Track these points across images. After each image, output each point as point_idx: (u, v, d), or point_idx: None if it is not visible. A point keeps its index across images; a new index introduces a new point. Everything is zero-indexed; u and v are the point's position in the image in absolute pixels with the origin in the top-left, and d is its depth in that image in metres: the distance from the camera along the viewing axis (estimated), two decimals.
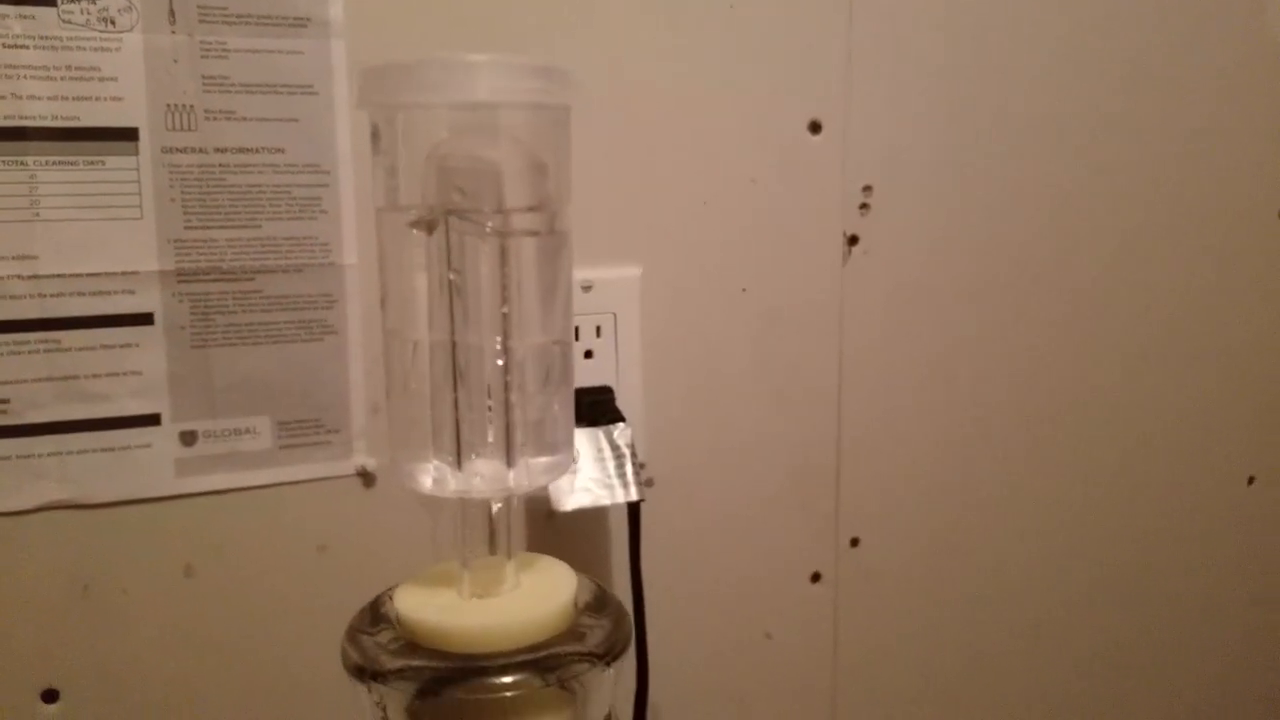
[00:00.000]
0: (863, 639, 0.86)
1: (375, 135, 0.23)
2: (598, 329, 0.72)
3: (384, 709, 0.24)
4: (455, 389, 0.25)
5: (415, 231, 0.24)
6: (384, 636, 0.26)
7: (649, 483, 0.75)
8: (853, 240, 0.79)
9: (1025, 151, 0.84)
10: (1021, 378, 0.88)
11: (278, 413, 0.65)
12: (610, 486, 0.61)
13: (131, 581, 0.64)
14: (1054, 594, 0.93)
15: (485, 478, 0.26)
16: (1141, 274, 0.90)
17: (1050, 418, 0.90)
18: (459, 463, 0.26)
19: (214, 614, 0.66)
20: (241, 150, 0.62)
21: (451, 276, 0.24)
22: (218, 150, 0.62)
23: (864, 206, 0.79)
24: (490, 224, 0.23)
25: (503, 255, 0.24)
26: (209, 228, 0.62)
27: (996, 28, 0.81)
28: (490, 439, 0.25)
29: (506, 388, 0.25)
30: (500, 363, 0.25)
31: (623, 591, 0.71)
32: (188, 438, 0.64)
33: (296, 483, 0.66)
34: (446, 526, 0.69)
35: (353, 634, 0.26)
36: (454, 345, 0.25)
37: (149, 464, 0.63)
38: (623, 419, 0.68)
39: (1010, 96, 0.83)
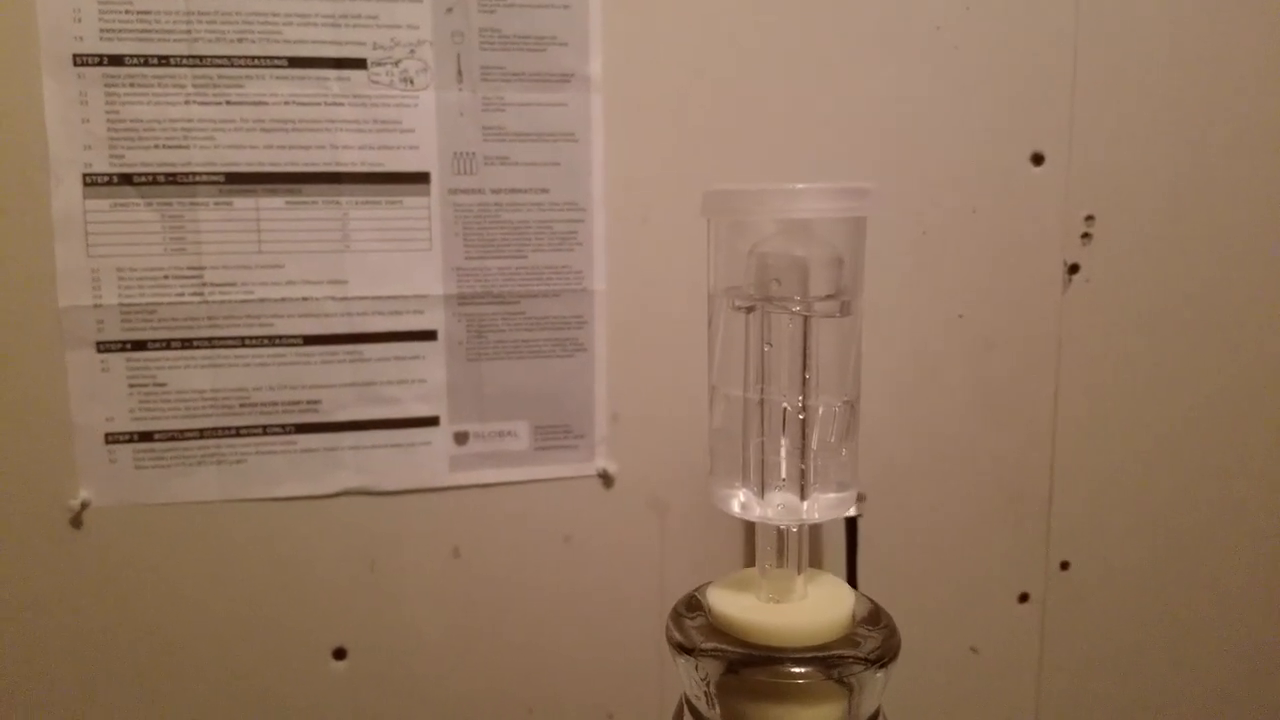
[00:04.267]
0: (1069, 660, 0.87)
1: (712, 237, 0.30)
2: None
3: (706, 680, 0.30)
4: (763, 435, 0.31)
5: (738, 312, 0.30)
6: (698, 622, 0.32)
7: (861, 498, 0.79)
8: (1073, 269, 0.80)
9: (1246, 180, 0.82)
10: (1239, 405, 0.86)
11: (535, 418, 0.74)
12: None
13: (409, 559, 0.74)
14: (1269, 626, 0.90)
15: (783, 508, 0.32)
16: None
17: (1267, 447, 0.87)
18: (762, 494, 0.32)
19: (476, 590, 0.75)
20: (513, 191, 0.71)
21: (765, 348, 0.30)
22: (494, 191, 0.71)
23: (1086, 236, 0.80)
24: (798, 308, 0.29)
25: (806, 332, 0.29)
26: (485, 258, 0.72)
27: (1217, 61, 0.80)
28: (788, 477, 0.31)
29: (804, 436, 0.31)
30: (801, 417, 0.31)
31: None
32: (461, 438, 0.74)
33: (548, 480, 0.75)
34: (671, 525, 0.76)
35: (676, 617, 0.32)
36: (763, 401, 0.31)
37: (428, 459, 0.73)
38: None
39: (1231, 126, 0.81)
